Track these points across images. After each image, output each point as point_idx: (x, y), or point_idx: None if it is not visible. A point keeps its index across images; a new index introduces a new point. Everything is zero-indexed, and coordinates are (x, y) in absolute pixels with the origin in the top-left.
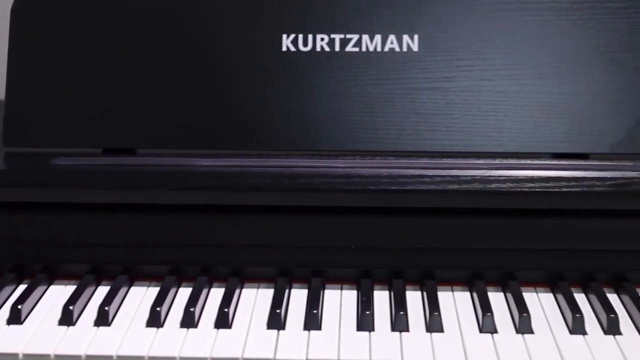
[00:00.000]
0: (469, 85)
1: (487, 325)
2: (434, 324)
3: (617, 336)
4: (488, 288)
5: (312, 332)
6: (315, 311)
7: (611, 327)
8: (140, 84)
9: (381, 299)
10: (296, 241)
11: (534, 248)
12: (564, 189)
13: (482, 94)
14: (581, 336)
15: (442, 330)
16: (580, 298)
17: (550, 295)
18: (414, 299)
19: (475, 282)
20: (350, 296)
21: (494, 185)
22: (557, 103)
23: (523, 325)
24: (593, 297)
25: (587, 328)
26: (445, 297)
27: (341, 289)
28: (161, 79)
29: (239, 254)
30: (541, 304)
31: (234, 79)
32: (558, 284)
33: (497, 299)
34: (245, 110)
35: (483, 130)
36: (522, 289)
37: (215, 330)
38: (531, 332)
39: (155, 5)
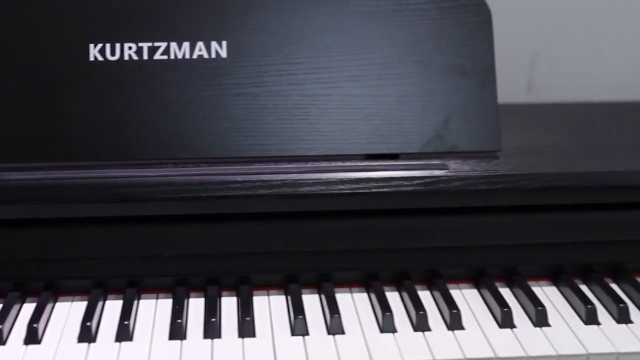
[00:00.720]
0: (279, 90)
1: (298, 327)
2: (246, 330)
3: (426, 332)
4: (303, 290)
5: (123, 343)
6: (126, 322)
7: (420, 324)
8: None
9: (196, 306)
10: (111, 252)
11: (347, 249)
12: (373, 190)
13: (293, 98)
14: (391, 334)
15: (254, 335)
16: (393, 296)
17: (365, 294)
18: (229, 304)
19: (290, 285)
20: (165, 305)
21: (304, 189)
22: (367, 105)
23: (334, 326)
24: (405, 295)
25: (398, 325)
26: (260, 301)
27: (157, 298)
28: None
29: (53, 267)
30: (355, 304)
31: (45, 91)
32: (372, 283)
33: (311, 301)
34: (59, 123)
35: (294, 134)
36: (337, 289)
37: (25, 346)
38: (342, 332)
39: None
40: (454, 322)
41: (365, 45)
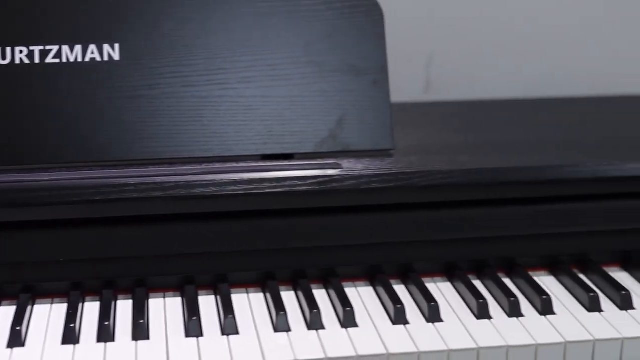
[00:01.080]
0: (173, 92)
1: (193, 329)
2: (139, 332)
3: (320, 331)
4: (200, 292)
5: (15, 349)
6: (18, 328)
7: (314, 323)
8: None
9: (91, 310)
10: (3, 257)
11: (243, 249)
12: (267, 190)
13: (186, 100)
14: (285, 333)
15: (147, 338)
16: (289, 296)
17: (261, 295)
18: (125, 307)
19: (186, 287)
20: (60, 310)
21: (198, 191)
22: (260, 106)
23: (228, 327)
24: (301, 294)
25: (292, 324)
26: (156, 304)
27: (52, 303)
28: None
29: None
30: (250, 304)
31: None
32: (268, 283)
33: (207, 302)
34: None
35: (188, 136)
36: (234, 290)
37: None
38: (236, 333)
39: None
40: (348, 320)
41: (258, 46)
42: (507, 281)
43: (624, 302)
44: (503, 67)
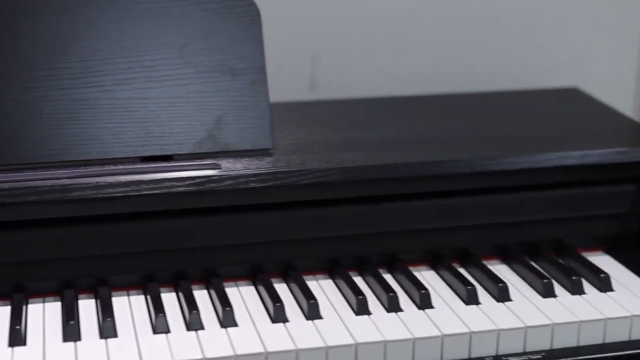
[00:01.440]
0: (47, 95)
1: (70, 333)
2: (15, 338)
3: (199, 331)
4: (80, 296)
5: None
6: None
7: (193, 323)
8: None
9: None
10: None
11: (122, 252)
12: (144, 192)
13: (61, 103)
14: (164, 335)
15: (24, 344)
16: (169, 297)
17: (142, 297)
18: (3, 313)
19: (65, 291)
20: None
21: (74, 194)
22: (138, 108)
23: (107, 330)
24: (181, 295)
25: (172, 325)
26: (35, 309)
27: None
28: None
29: None
30: (131, 307)
31: None
32: (149, 285)
33: (87, 306)
34: None
35: (65, 140)
36: (115, 293)
37: None
38: (115, 335)
39: None
40: (227, 319)
41: (134, 47)
42: (388, 277)
43: (502, 294)
44: (390, 64)
